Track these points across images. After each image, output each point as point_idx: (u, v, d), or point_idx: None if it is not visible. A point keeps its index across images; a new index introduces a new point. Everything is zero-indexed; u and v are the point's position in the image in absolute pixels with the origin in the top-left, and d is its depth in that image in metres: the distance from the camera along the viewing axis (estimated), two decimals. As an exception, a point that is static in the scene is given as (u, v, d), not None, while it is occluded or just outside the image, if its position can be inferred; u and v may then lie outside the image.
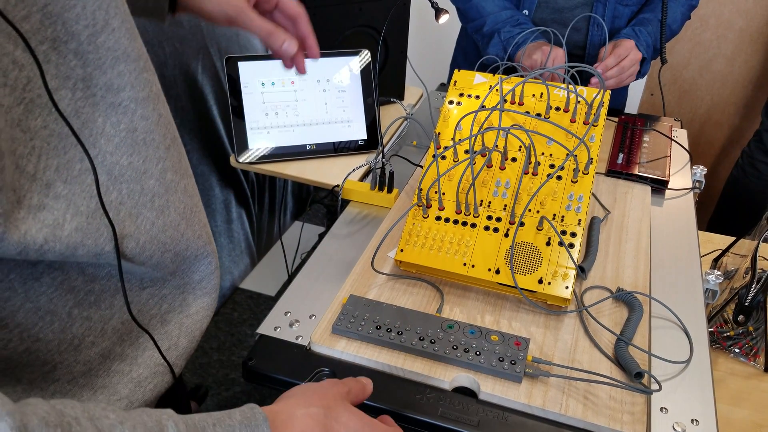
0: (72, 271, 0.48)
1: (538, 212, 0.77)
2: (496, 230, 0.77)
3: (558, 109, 0.86)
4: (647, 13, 1.27)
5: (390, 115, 1.22)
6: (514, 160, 0.82)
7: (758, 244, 0.95)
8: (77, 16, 0.43)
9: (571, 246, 0.75)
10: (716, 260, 1.09)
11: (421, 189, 0.80)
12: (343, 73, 1.09)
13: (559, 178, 0.79)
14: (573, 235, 0.76)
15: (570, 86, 0.85)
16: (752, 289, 0.91)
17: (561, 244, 0.75)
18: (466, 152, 0.84)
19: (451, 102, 0.90)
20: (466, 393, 0.65)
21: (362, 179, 1.04)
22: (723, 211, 2.05)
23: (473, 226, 0.78)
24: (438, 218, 0.80)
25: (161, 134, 0.52)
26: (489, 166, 0.82)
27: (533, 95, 0.88)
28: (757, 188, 1.89)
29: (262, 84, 1.05)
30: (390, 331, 0.68)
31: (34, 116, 0.41)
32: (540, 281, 0.73)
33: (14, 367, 0.47)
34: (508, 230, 0.77)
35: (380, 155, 1.01)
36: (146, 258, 0.52)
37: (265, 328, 0.71)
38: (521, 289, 0.73)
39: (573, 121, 0.84)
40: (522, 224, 0.77)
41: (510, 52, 1.23)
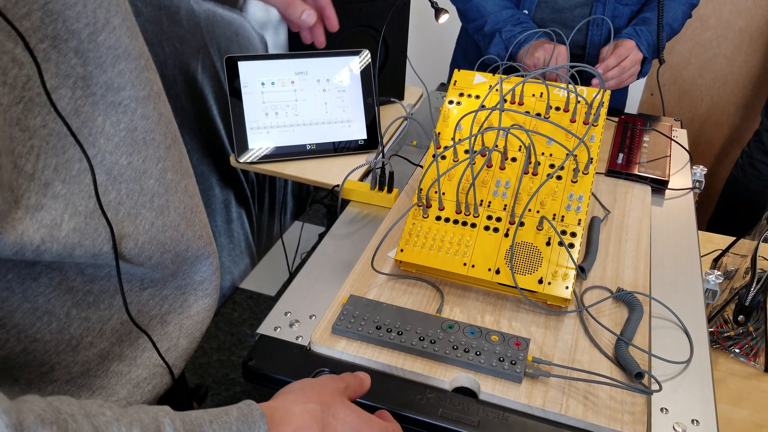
0: (71, 272, 0.48)
1: (538, 212, 0.77)
2: (496, 230, 0.77)
3: (558, 109, 0.86)
4: (648, 13, 1.27)
5: (390, 115, 1.22)
6: (514, 160, 0.82)
7: (758, 244, 0.95)
8: (78, 14, 0.43)
9: (571, 246, 0.75)
10: (716, 260, 1.09)
11: (421, 189, 0.80)
12: (343, 73, 1.09)
13: (559, 178, 0.79)
14: (573, 235, 0.76)
15: (570, 86, 0.85)
16: (752, 289, 0.91)
17: (561, 244, 0.75)
18: (466, 152, 0.84)
19: (451, 102, 0.90)
20: (467, 393, 0.65)
21: (362, 179, 1.04)
22: (723, 211, 2.05)
23: (473, 226, 0.78)
24: (438, 218, 0.80)
25: (162, 134, 0.51)
26: (489, 166, 0.82)
27: (533, 95, 0.88)
28: (757, 188, 1.89)
29: (262, 84, 1.05)
30: (390, 331, 0.68)
31: (33, 115, 0.41)
32: (540, 281, 0.73)
33: (12, 368, 0.46)
34: (508, 230, 0.77)
35: (380, 155, 1.01)
36: (145, 259, 0.51)
37: (265, 328, 0.71)
38: (521, 289, 0.73)
39: (573, 121, 0.84)
40: (522, 224, 0.77)
41: (512, 51, 1.23)
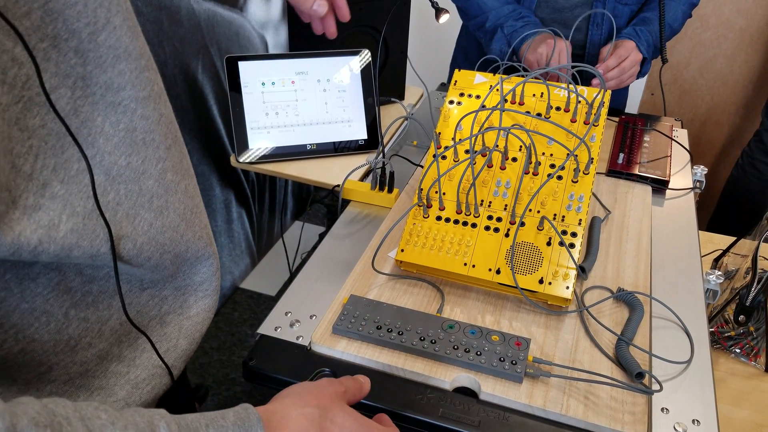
0: (69, 272, 0.48)
1: (539, 212, 0.77)
2: (497, 230, 0.77)
3: (558, 109, 0.86)
4: (648, 12, 1.27)
5: (390, 115, 1.22)
6: (515, 160, 0.82)
7: (759, 244, 0.95)
8: (78, 14, 0.42)
9: (572, 246, 0.75)
10: (717, 260, 1.09)
11: (422, 189, 0.80)
12: (344, 73, 1.09)
13: (560, 178, 0.79)
14: (573, 235, 0.76)
15: (570, 86, 0.85)
16: (753, 289, 0.91)
17: (561, 244, 0.74)
18: (467, 152, 0.84)
19: (452, 102, 0.90)
20: (467, 393, 0.65)
21: (362, 179, 1.03)
22: (723, 211, 2.05)
23: (474, 226, 0.78)
24: (438, 218, 0.79)
25: (162, 134, 0.51)
26: (489, 166, 0.82)
27: (534, 95, 0.88)
28: (758, 188, 1.89)
29: (263, 84, 1.05)
30: (390, 332, 0.68)
31: (33, 115, 0.41)
32: (540, 281, 0.73)
33: (10, 368, 0.46)
34: (509, 230, 0.77)
35: (380, 155, 1.01)
36: (144, 260, 0.51)
37: (266, 328, 0.71)
38: (522, 289, 0.73)
39: (573, 121, 0.84)
40: (522, 224, 0.77)
41: (514, 46, 1.22)
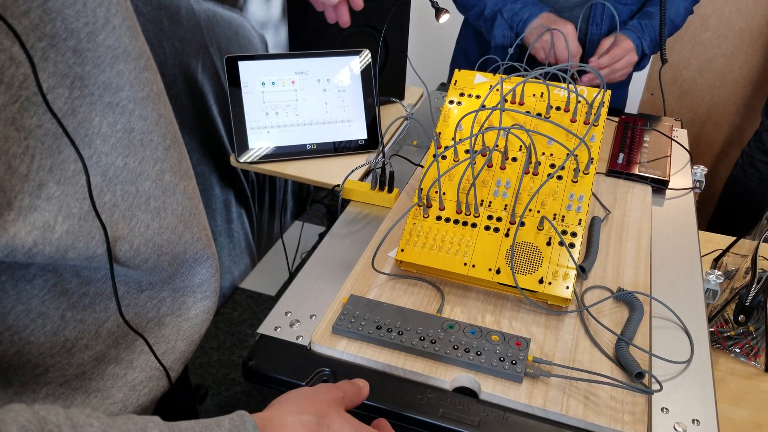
0: (66, 274, 0.47)
1: (539, 212, 0.77)
2: (497, 230, 0.77)
3: (558, 109, 0.86)
4: (651, 7, 1.28)
5: (390, 115, 1.22)
6: (515, 160, 0.82)
7: (758, 244, 0.95)
8: (77, 13, 0.42)
9: (572, 246, 0.75)
10: (717, 260, 1.09)
11: (422, 189, 0.80)
12: (344, 73, 1.09)
13: (560, 178, 0.79)
14: (573, 235, 0.76)
15: (570, 86, 0.85)
16: (753, 289, 0.91)
17: (561, 244, 0.74)
18: (467, 152, 0.84)
19: (452, 102, 0.90)
20: (467, 393, 0.65)
21: (362, 179, 1.03)
22: (723, 211, 2.05)
23: (474, 226, 0.78)
24: (438, 218, 0.79)
25: (160, 135, 0.51)
26: (489, 166, 0.82)
27: (534, 95, 0.88)
28: (757, 188, 1.89)
29: (263, 84, 1.05)
30: (390, 331, 0.68)
31: (30, 115, 0.40)
32: (540, 281, 0.73)
33: (5, 370, 0.46)
34: (509, 230, 0.77)
35: (380, 155, 1.01)
36: (141, 261, 0.51)
37: (266, 328, 0.71)
38: (522, 289, 0.73)
39: (573, 121, 0.84)
40: (522, 224, 0.77)
41: (517, 30, 1.23)
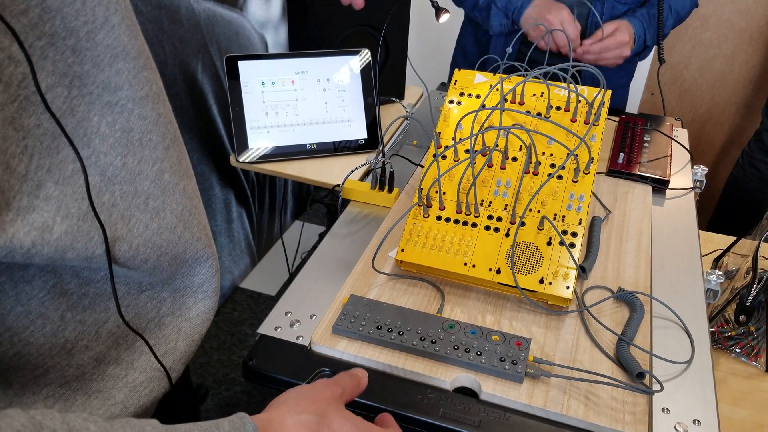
0: (65, 275, 0.47)
1: (539, 212, 0.77)
2: (497, 230, 0.77)
3: (559, 109, 0.85)
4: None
5: (390, 115, 1.22)
6: (515, 160, 0.82)
7: (759, 244, 0.95)
8: (77, 12, 0.42)
9: (572, 246, 0.75)
10: (717, 260, 1.09)
11: (422, 189, 0.80)
12: (344, 73, 1.09)
13: (560, 178, 0.79)
14: (574, 235, 0.76)
15: (571, 86, 0.84)
16: (753, 289, 0.91)
17: (562, 244, 0.74)
18: (467, 152, 0.84)
19: (452, 101, 0.90)
20: (467, 393, 0.65)
21: (362, 179, 1.03)
22: (723, 211, 2.05)
23: (474, 226, 0.78)
24: (438, 218, 0.79)
25: (160, 134, 0.50)
26: (490, 166, 0.82)
27: (534, 95, 0.87)
28: (758, 188, 1.89)
29: (262, 83, 1.05)
30: (391, 331, 0.68)
31: (28, 114, 0.40)
32: (541, 281, 0.73)
33: (5, 371, 0.46)
34: (509, 230, 0.77)
35: (380, 155, 1.00)
36: (141, 261, 0.50)
37: (266, 328, 0.71)
38: (522, 289, 0.73)
39: (574, 121, 0.84)
40: (523, 224, 0.77)
41: (513, 19, 1.23)
